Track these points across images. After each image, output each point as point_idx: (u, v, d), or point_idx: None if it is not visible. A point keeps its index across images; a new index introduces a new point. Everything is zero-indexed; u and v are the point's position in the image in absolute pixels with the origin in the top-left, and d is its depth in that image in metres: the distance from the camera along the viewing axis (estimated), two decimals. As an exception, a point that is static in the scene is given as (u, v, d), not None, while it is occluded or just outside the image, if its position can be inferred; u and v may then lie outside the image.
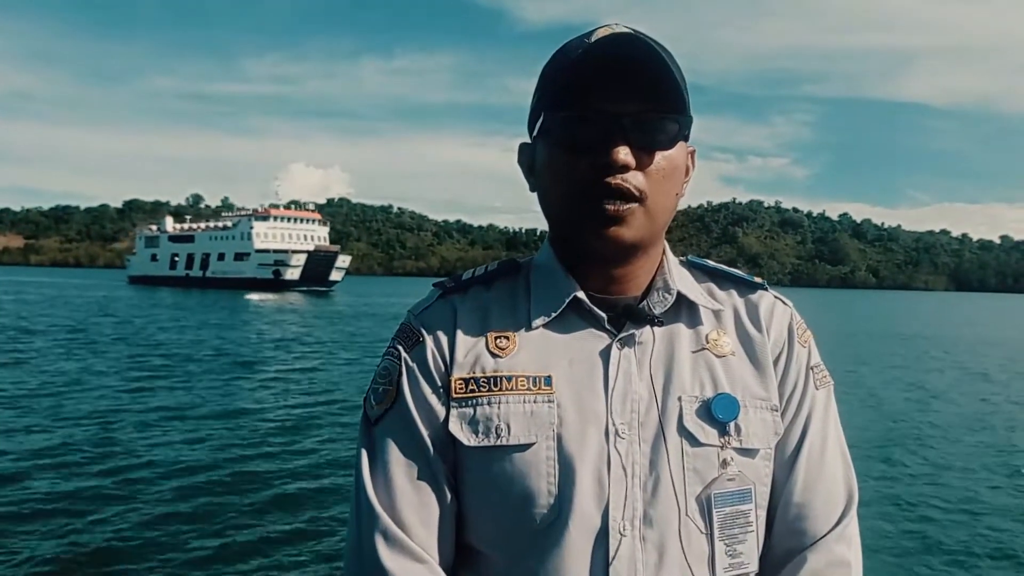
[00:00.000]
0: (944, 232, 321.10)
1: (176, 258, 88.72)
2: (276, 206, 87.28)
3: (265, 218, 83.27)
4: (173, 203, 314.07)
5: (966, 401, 14.68)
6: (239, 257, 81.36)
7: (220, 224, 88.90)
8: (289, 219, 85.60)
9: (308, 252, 77.19)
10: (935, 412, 13.21)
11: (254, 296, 58.15)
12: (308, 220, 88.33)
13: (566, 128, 0.92)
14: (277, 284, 74.96)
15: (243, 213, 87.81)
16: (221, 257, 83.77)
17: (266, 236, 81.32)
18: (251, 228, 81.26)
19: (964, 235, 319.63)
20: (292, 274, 75.86)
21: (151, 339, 21.36)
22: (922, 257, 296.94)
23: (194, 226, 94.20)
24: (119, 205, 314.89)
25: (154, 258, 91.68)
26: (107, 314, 32.11)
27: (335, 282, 79.02)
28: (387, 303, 52.72)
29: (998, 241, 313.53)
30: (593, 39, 0.90)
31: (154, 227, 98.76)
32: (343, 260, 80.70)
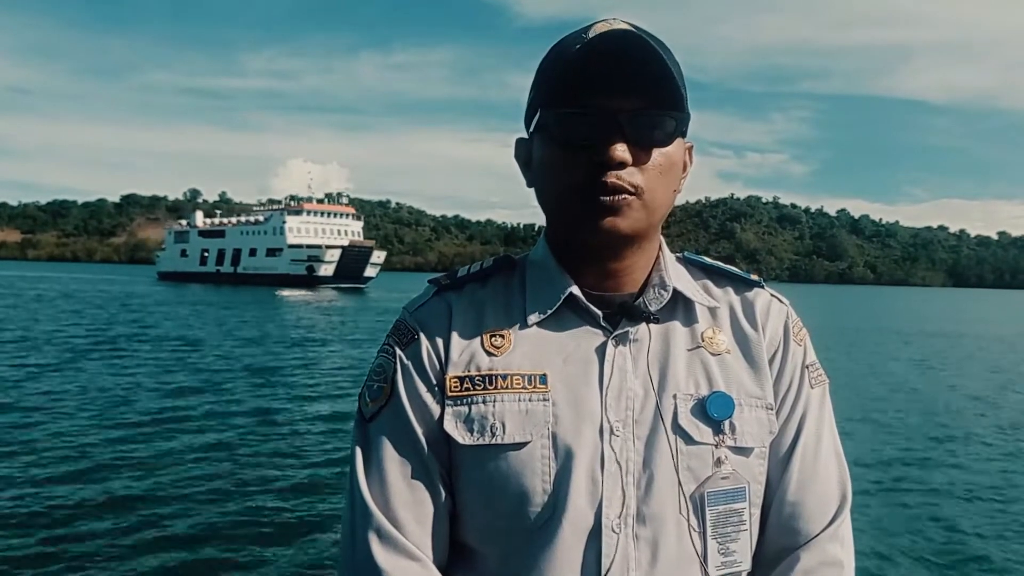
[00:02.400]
0: (942, 228, 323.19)
1: (206, 254, 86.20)
2: (309, 199, 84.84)
3: (298, 212, 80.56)
4: (171, 198, 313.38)
5: (962, 396, 14.67)
6: (271, 252, 78.68)
7: (251, 219, 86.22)
8: (323, 213, 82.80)
9: (342, 247, 74.62)
10: (929, 408, 13.16)
11: (286, 293, 56.30)
12: (342, 214, 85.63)
13: (563, 124, 0.91)
14: (311, 280, 72.52)
15: (275, 207, 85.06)
16: (253, 253, 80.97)
17: (299, 231, 78.42)
18: (284, 223, 78.51)
19: (962, 231, 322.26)
20: (326, 270, 73.39)
21: (183, 339, 20.69)
22: (920, 253, 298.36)
23: (224, 221, 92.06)
24: (116, 200, 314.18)
25: (184, 254, 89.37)
26: (139, 312, 31.40)
27: (369, 278, 76.38)
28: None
29: (995, 237, 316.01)
30: (590, 35, 0.90)
31: (184, 222, 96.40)
32: (378, 256, 77.58)
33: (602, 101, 0.88)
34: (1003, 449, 10.10)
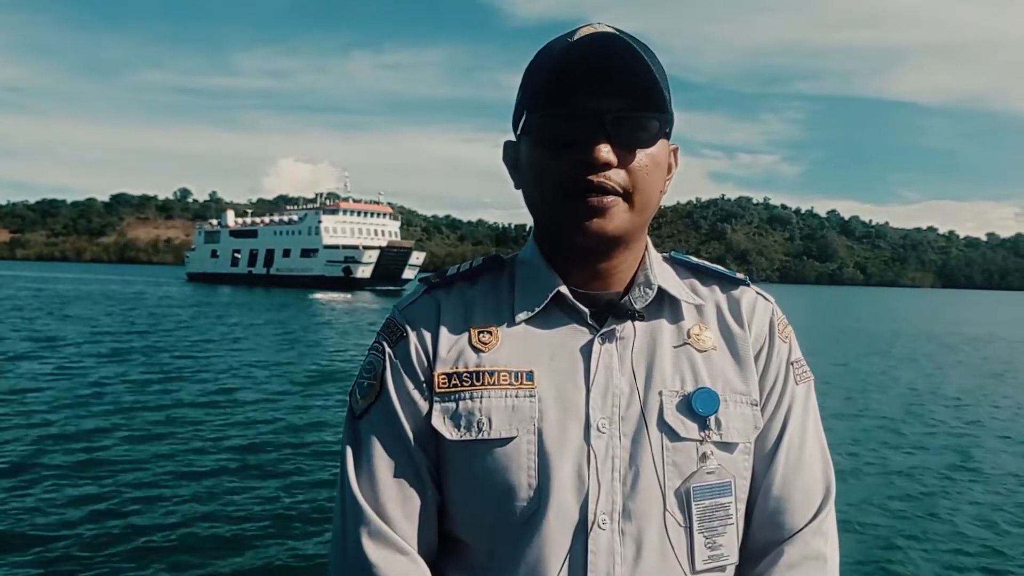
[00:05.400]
0: (931, 229, 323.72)
1: (238, 254, 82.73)
2: (345, 198, 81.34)
3: (334, 211, 76.70)
4: (161, 197, 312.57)
5: (953, 394, 14.77)
6: (306, 253, 74.86)
7: (285, 218, 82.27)
8: (359, 213, 79.16)
9: (380, 248, 71.06)
10: (920, 406, 13.27)
11: (321, 296, 53.47)
12: (379, 214, 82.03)
13: (548, 126, 0.93)
14: (347, 283, 69.05)
15: (311, 206, 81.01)
16: (286, 253, 77.05)
17: (335, 231, 74.52)
18: (319, 222, 74.49)
19: (951, 232, 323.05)
20: (363, 272, 70.02)
21: (211, 345, 19.87)
22: (909, 254, 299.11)
23: (257, 220, 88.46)
24: (106, 199, 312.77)
25: (214, 254, 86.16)
26: (163, 314, 30.61)
27: (407, 280, 71.81)
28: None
29: (984, 238, 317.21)
30: (575, 38, 0.92)
31: (214, 221, 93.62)
32: (416, 257, 73.31)
33: (587, 102, 0.90)
34: (992, 442, 10.25)
